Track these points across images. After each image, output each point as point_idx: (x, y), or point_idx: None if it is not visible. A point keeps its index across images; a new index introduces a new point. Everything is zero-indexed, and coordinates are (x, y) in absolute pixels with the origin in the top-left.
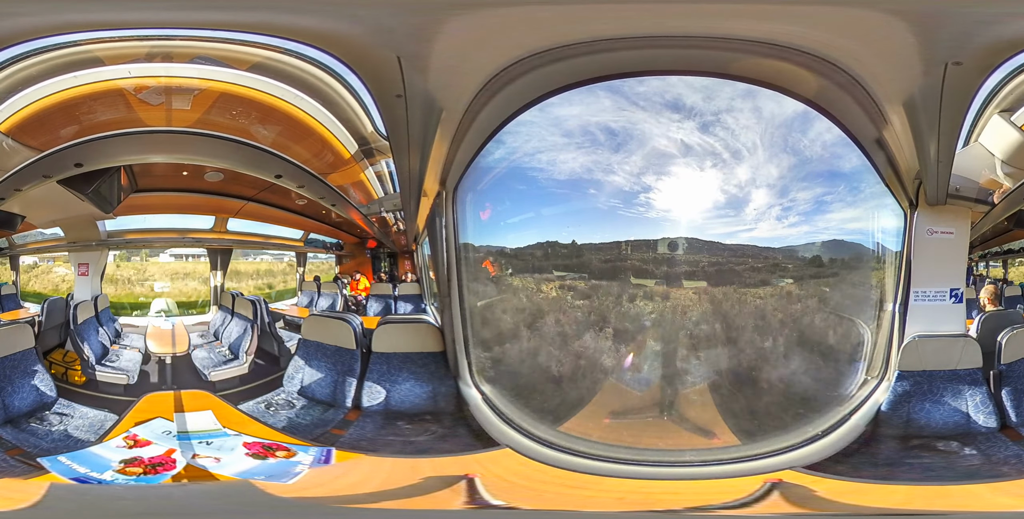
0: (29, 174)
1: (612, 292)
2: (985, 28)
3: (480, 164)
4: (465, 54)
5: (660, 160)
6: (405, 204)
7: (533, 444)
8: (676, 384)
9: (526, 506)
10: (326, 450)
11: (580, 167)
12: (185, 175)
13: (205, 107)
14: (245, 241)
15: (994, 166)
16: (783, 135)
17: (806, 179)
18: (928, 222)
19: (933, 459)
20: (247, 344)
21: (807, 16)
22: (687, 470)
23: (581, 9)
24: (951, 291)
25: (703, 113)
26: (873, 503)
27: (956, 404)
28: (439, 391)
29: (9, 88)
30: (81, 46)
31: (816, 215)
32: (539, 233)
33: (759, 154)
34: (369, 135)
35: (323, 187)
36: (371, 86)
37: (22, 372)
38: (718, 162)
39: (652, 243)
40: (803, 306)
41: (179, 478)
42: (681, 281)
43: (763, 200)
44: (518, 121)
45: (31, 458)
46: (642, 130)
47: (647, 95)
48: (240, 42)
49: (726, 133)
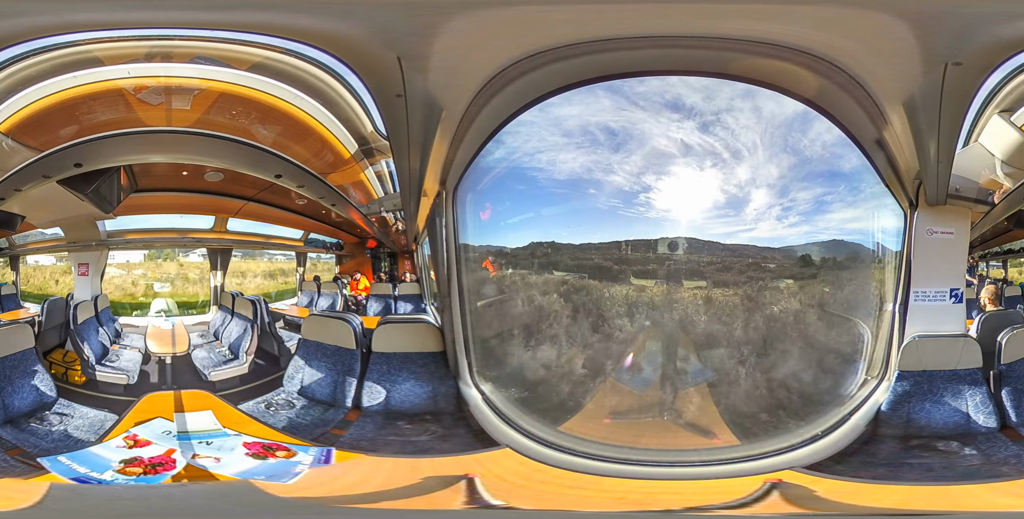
0: (29, 174)
1: (610, 290)
2: (985, 28)
3: (480, 164)
4: (465, 54)
5: (660, 160)
6: (405, 204)
7: (533, 444)
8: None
9: (526, 506)
10: (326, 450)
11: (580, 167)
12: (185, 175)
13: (205, 107)
14: (245, 241)
15: (994, 166)
16: (783, 135)
17: (806, 179)
18: (928, 222)
19: (933, 459)
20: (247, 344)
21: (807, 16)
22: (687, 470)
23: (581, 9)
24: (951, 291)
25: (703, 113)
26: (873, 503)
27: (956, 404)
28: (439, 391)
29: (9, 88)
30: (81, 46)
31: (816, 215)
32: (539, 233)
33: (759, 154)
34: (369, 135)
35: (323, 187)
36: (371, 86)
37: (22, 372)
38: (718, 162)
39: (652, 243)
40: (802, 305)
41: (179, 478)
42: (681, 280)
43: (763, 200)
44: (518, 121)
45: (31, 458)
46: (642, 130)
47: (647, 95)
48: (240, 42)
49: (726, 133)
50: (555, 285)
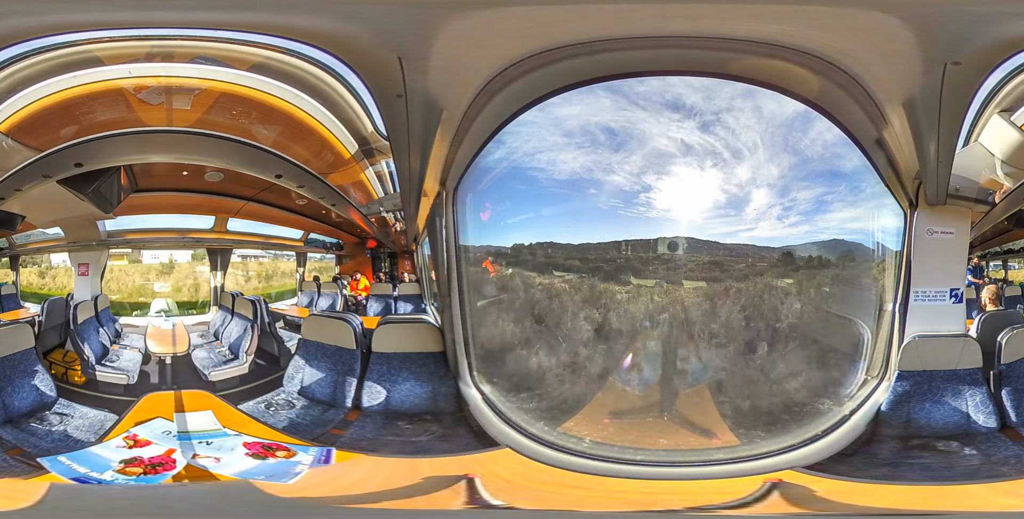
0: (29, 174)
1: (609, 289)
2: (985, 28)
3: (480, 164)
4: (465, 54)
5: (660, 159)
6: (405, 204)
7: (533, 444)
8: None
9: (526, 506)
10: (326, 450)
11: (580, 167)
12: (185, 175)
13: (205, 107)
14: (245, 241)
15: (994, 166)
16: (784, 134)
17: (807, 179)
18: (928, 222)
19: (933, 459)
20: (247, 344)
21: (807, 16)
22: (687, 470)
23: (581, 9)
24: (951, 291)
25: (703, 112)
26: (873, 503)
27: (956, 404)
28: (439, 391)
29: (9, 88)
30: (81, 46)
31: (816, 215)
32: (539, 233)
33: (760, 153)
34: (369, 135)
35: (323, 187)
36: (371, 86)
37: (22, 372)
38: (718, 162)
39: (651, 243)
40: (802, 304)
41: (179, 478)
42: (681, 281)
43: (763, 200)
44: (518, 121)
45: (31, 458)
46: (642, 130)
47: (647, 95)
48: (240, 42)
49: (727, 132)
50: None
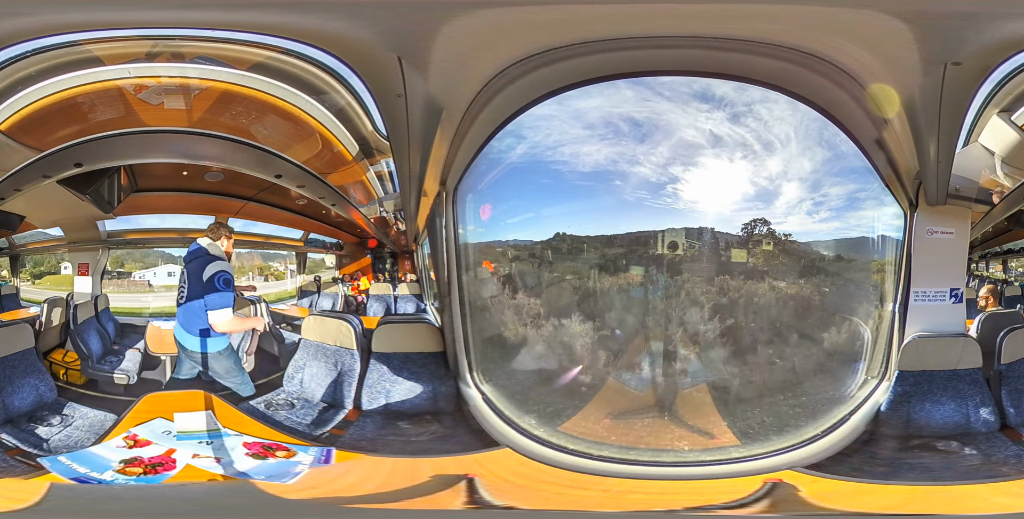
0: (29, 174)
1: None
2: (985, 28)
3: (480, 164)
4: (466, 54)
5: (687, 151)
6: (405, 204)
7: (533, 444)
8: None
9: (526, 506)
10: (326, 450)
11: (582, 167)
12: (185, 175)
13: (205, 107)
14: (245, 241)
15: (994, 166)
16: (819, 128)
17: (840, 174)
18: (928, 222)
19: (933, 459)
20: (247, 344)
21: (807, 16)
22: (687, 470)
23: (582, 9)
24: (951, 291)
25: (735, 103)
26: (873, 503)
27: (956, 404)
28: (439, 391)
29: (9, 88)
30: (81, 46)
31: (847, 211)
32: (539, 233)
33: (792, 147)
34: (369, 135)
35: (323, 187)
36: (371, 86)
37: (22, 372)
38: (748, 154)
39: (673, 234)
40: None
41: (179, 478)
42: (702, 273)
43: (794, 194)
44: (518, 121)
45: (31, 458)
46: (667, 121)
47: (672, 85)
48: (240, 42)
49: (758, 124)
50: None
